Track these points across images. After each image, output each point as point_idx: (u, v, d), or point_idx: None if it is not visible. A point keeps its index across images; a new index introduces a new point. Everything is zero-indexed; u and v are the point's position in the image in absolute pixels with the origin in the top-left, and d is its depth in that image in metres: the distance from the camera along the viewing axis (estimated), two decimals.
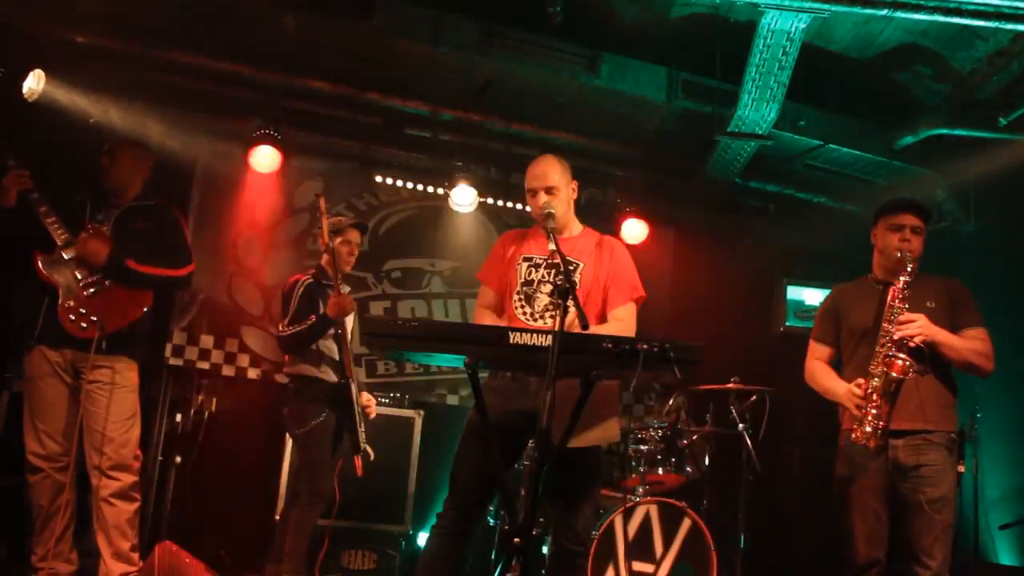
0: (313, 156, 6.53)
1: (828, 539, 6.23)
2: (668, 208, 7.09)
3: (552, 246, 3.20)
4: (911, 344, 3.54)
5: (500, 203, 6.83)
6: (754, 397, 5.38)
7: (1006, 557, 6.01)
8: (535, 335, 2.80)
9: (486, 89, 5.86)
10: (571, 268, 3.46)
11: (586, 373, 2.88)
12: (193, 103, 5.86)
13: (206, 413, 6.06)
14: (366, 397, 4.82)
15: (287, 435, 5.32)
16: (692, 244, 7.47)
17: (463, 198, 6.30)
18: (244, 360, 6.24)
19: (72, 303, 3.87)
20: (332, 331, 4.54)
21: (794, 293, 6.92)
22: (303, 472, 4.55)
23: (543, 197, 3.46)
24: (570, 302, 2.84)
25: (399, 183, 6.67)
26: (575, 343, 2.80)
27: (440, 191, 6.66)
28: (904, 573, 3.59)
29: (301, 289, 4.56)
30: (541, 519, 4.87)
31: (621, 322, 3.41)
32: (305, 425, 4.48)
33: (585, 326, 2.86)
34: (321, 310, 4.50)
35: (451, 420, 6.31)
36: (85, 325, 3.84)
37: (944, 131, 5.99)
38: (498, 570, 2.71)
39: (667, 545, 4.64)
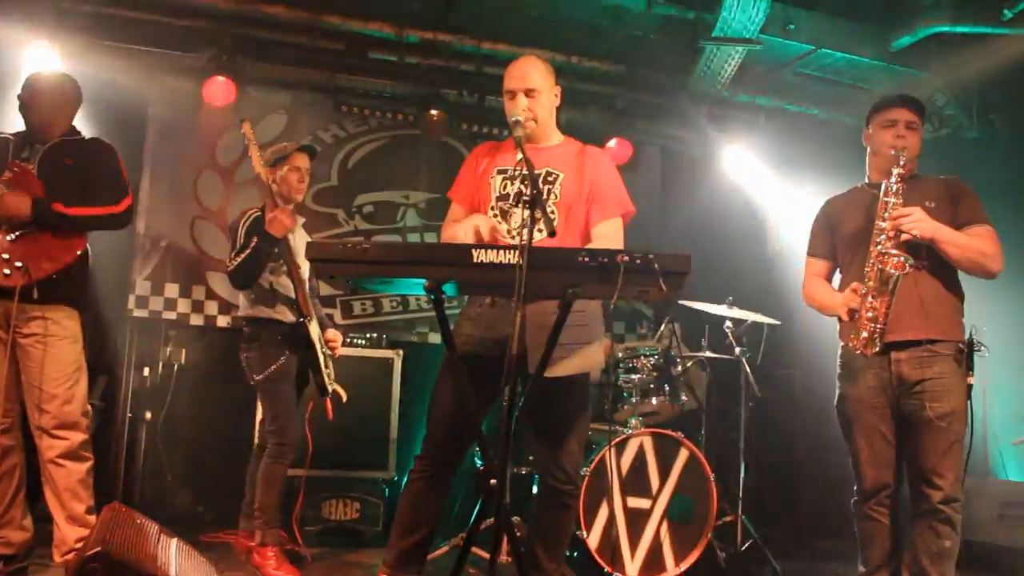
0: (273, 88, 6.14)
1: (831, 464, 6.06)
2: (652, 125, 6.72)
3: (519, 155, 2.87)
4: (907, 237, 3.25)
5: (476, 128, 6.48)
6: (749, 320, 5.10)
7: (1016, 473, 5.79)
8: (502, 251, 2.48)
9: (454, 5, 5.45)
10: (551, 178, 3.13)
11: (562, 292, 2.58)
12: (139, 37, 5.44)
13: (175, 366, 5.77)
14: (331, 333, 4.50)
15: None
16: (680, 163, 7.17)
17: None
18: (212, 308, 5.93)
19: None
20: (284, 267, 4.22)
21: (787, 211, 6.61)
22: (267, 420, 4.25)
23: (522, 100, 3.14)
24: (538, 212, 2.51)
25: (367, 112, 6.31)
26: (548, 258, 2.48)
27: (411, 119, 6.28)
28: (914, 496, 3.35)
29: (248, 221, 4.21)
30: (530, 457, 4.64)
31: (606, 239, 3.09)
32: (264, 370, 4.18)
33: (552, 232, 2.54)
34: None
35: (433, 360, 5.96)
36: (8, 272, 3.47)
37: (944, 28, 5.61)
38: (475, 512, 2.44)
39: (664, 478, 4.38)
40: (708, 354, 5.20)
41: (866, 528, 3.45)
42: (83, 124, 3.96)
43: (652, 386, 4.80)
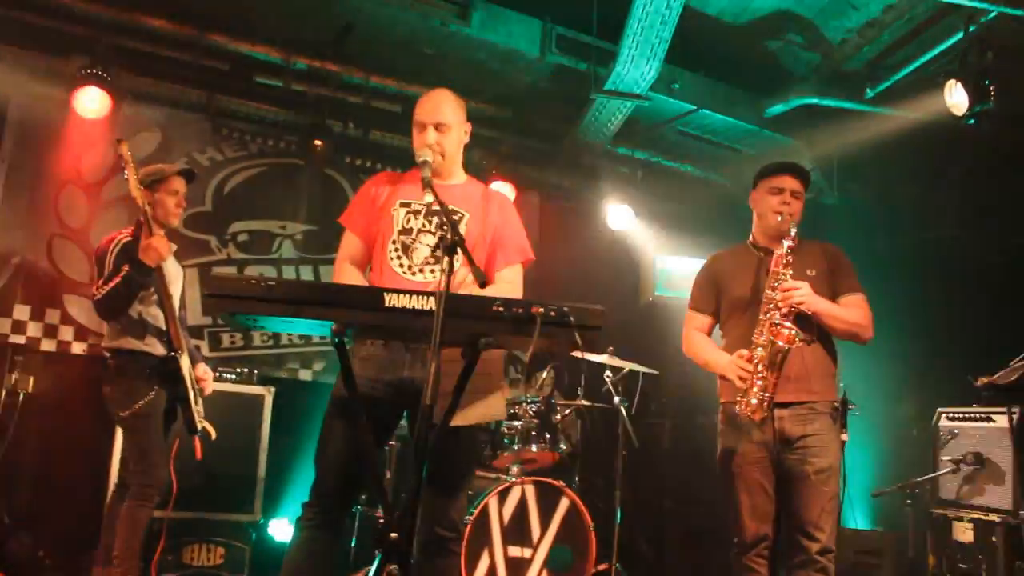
0: (149, 104, 5.81)
1: (701, 514, 6.23)
2: (535, 172, 6.78)
3: (428, 197, 2.79)
4: (797, 312, 3.38)
5: (359, 162, 6.34)
6: (627, 369, 5.17)
7: (864, 522, 6.09)
8: (416, 297, 2.39)
9: (347, 34, 5.34)
10: (455, 216, 3.07)
11: (473, 341, 2.52)
12: (7, 35, 5.09)
13: (21, 395, 5.27)
14: (201, 369, 4.25)
15: None
16: (559, 209, 7.23)
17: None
18: (67, 333, 5.51)
19: None
20: (155, 296, 3.98)
21: (663, 263, 6.79)
22: (132, 460, 3.95)
23: (432, 134, 3.04)
24: (459, 257, 2.44)
25: (247, 137, 6.08)
26: (462, 306, 2.42)
27: (293, 147, 6.09)
28: (791, 547, 3.42)
29: (118, 248, 3.93)
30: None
31: (509, 284, 3.06)
32: (131, 406, 3.89)
33: (483, 282, 2.48)
34: None
35: (304, 397, 5.88)
36: None
37: (813, 100, 5.98)
38: (375, 566, 2.31)
39: (544, 527, 4.35)
40: (585, 402, 5.22)
41: None
42: None
43: (533, 433, 4.78)
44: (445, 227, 2.49)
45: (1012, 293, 5.54)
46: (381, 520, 2.64)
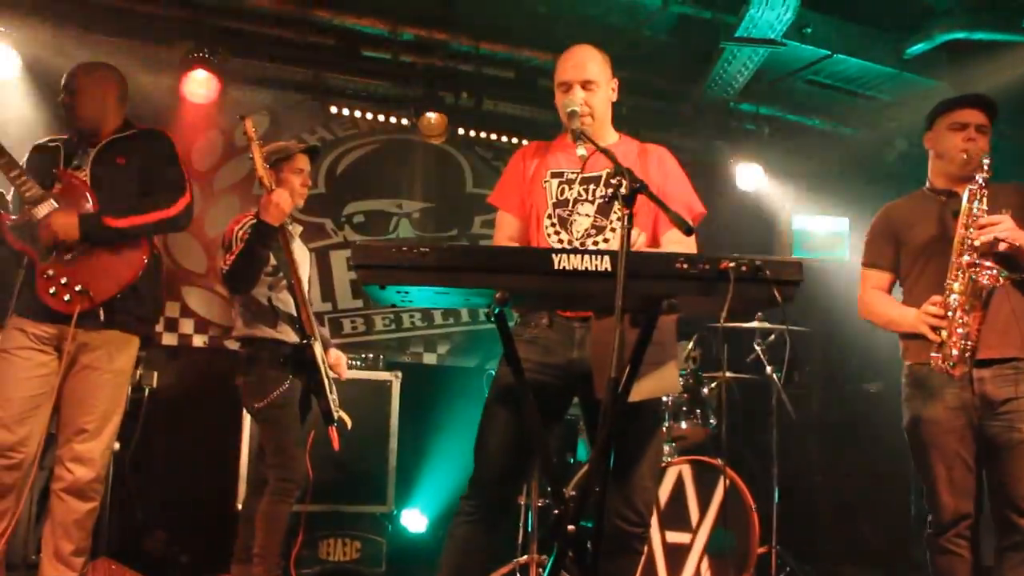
0: (256, 86, 5.63)
1: (853, 488, 5.82)
2: (657, 134, 6.36)
3: (581, 150, 2.51)
4: (998, 248, 2.97)
5: (473, 134, 6.08)
6: (773, 337, 4.80)
7: None
8: (589, 257, 2.10)
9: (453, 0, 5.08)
10: (612, 181, 2.76)
11: (652, 305, 2.20)
12: (113, 26, 4.97)
13: (146, 390, 5.17)
14: (335, 355, 4.07)
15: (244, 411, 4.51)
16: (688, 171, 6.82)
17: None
18: (188, 326, 5.43)
19: (52, 271, 3.17)
20: (284, 281, 3.79)
21: (800, 223, 6.36)
22: (269, 453, 3.76)
23: (579, 93, 2.76)
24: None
25: (357, 114, 5.82)
26: (642, 265, 2.11)
27: (405, 122, 5.85)
28: (1001, 526, 3.06)
29: (246, 226, 3.74)
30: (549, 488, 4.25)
31: (679, 244, 2.71)
32: (266, 396, 3.71)
33: (688, 229, 2.17)
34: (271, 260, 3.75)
35: (429, 381, 5.73)
36: (68, 298, 3.14)
37: (961, 35, 5.41)
38: (550, 564, 2.04)
39: (703, 510, 4.02)
40: (734, 374, 4.87)
41: (944, 563, 3.12)
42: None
43: (684, 408, 4.44)
44: (617, 177, 2.18)
45: None
46: (556, 512, 2.33)
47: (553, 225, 2.74)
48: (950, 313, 3.01)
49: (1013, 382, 3.02)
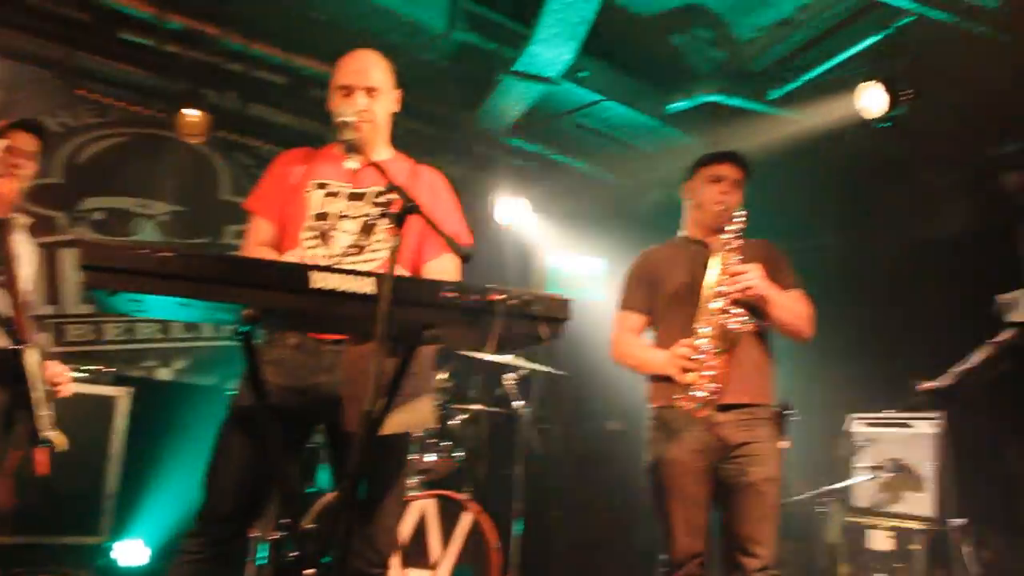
0: None
1: (591, 524, 5.97)
2: (425, 159, 6.31)
3: (352, 163, 2.37)
4: (747, 296, 3.14)
5: (235, 138, 5.72)
6: (523, 372, 4.84)
7: None
8: (350, 278, 1.94)
9: None
10: (382, 198, 2.61)
11: (412, 334, 2.09)
12: None
13: None
14: (55, 368, 3.59)
15: None
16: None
17: None
18: None
19: None
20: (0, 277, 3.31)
21: (556, 261, 6.51)
22: None
23: (362, 99, 2.63)
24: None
25: (108, 101, 5.34)
26: (406, 290, 1.98)
27: (161, 115, 5.40)
28: (728, 564, 3.17)
29: None
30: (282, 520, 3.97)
31: (443, 273, 2.63)
32: None
33: (465, 255, 2.07)
34: None
35: (162, 399, 5.25)
36: None
37: (717, 98, 5.81)
38: None
39: (445, 545, 3.92)
40: (480, 406, 4.85)
41: None
42: None
43: (430, 439, 4.34)
44: (389, 194, 2.06)
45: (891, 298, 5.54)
46: (293, 555, 2.14)
47: (313, 238, 2.56)
48: (699, 356, 3.10)
49: (748, 427, 3.15)
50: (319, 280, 1.93)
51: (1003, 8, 4.41)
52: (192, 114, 5.15)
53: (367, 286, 1.95)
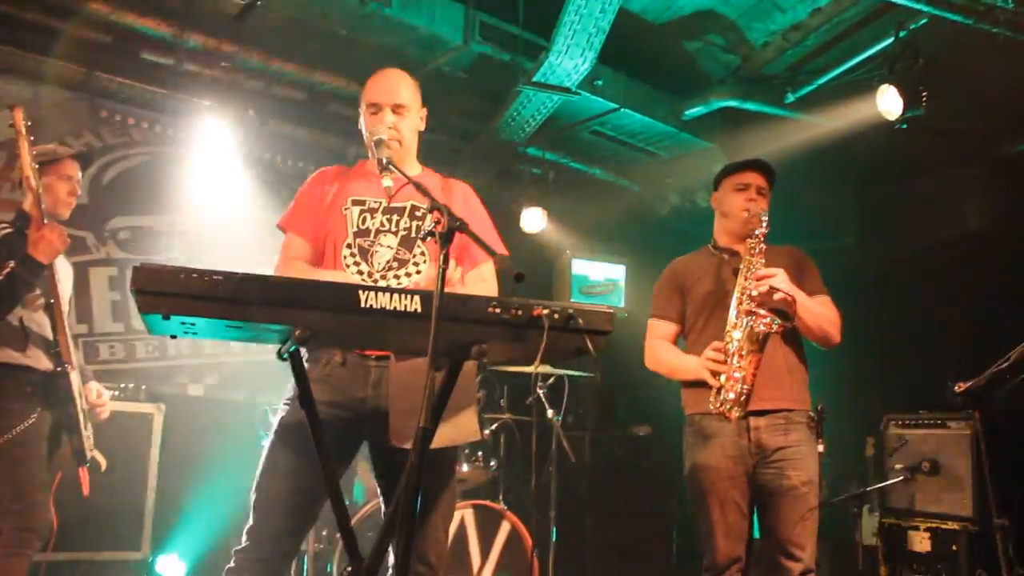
0: (15, 77, 5.03)
1: (625, 529, 5.97)
2: (444, 170, 6.33)
3: (387, 181, 2.39)
4: (773, 298, 3.14)
5: (258, 154, 5.76)
6: (552, 380, 4.86)
7: None
8: (398, 296, 1.97)
9: (249, 11, 4.80)
10: (416, 213, 2.66)
11: (460, 349, 2.11)
12: None
13: None
14: (95, 389, 3.63)
15: None
16: None
17: None
18: None
19: None
20: (41, 300, 3.36)
21: (579, 268, 6.53)
22: (5, 498, 3.26)
23: (389, 116, 2.66)
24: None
25: (131, 121, 5.38)
26: (453, 307, 2.01)
27: (183, 134, 5.46)
28: (770, 568, 3.19)
29: None
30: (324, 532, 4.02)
31: (483, 283, 2.67)
32: (6, 431, 3.24)
33: (518, 275, 2.08)
34: None
35: (195, 415, 5.28)
36: None
37: (733, 103, 5.84)
38: None
39: (485, 555, 3.95)
40: (512, 415, 4.87)
41: None
42: None
43: (465, 451, 4.37)
44: (435, 211, 2.09)
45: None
46: (348, 570, 2.17)
47: (353, 255, 2.60)
48: (729, 359, 3.13)
49: (784, 431, 3.18)
50: (369, 299, 1.96)
51: (1019, 9, 4.41)
52: None
53: (416, 304, 1.97)
